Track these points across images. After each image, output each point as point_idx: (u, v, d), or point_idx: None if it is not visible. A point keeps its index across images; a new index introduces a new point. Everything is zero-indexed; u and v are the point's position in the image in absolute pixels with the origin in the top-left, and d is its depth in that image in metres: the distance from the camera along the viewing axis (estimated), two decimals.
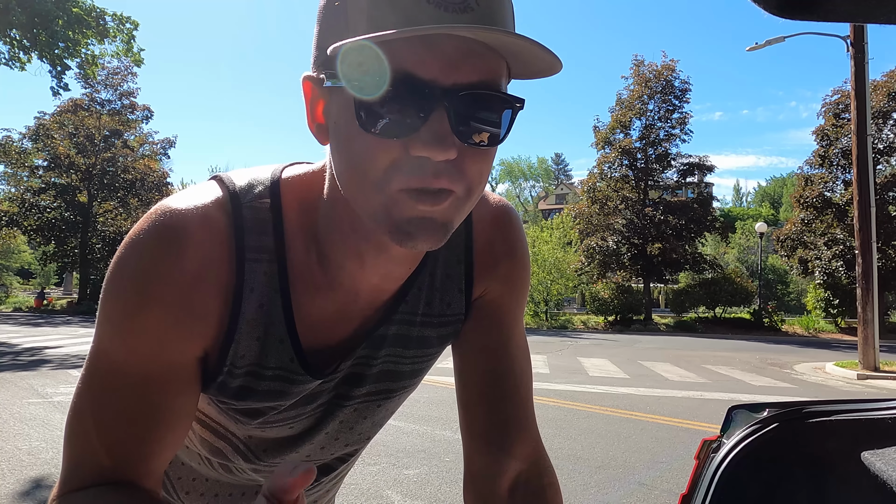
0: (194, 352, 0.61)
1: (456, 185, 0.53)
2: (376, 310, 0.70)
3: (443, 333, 0.77)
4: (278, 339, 0.64)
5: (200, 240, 0.58)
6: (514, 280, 0.78)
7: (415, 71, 0.48)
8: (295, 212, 0.64)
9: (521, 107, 0.55)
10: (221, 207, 0.61)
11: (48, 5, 12.44)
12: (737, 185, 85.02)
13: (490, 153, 0.55)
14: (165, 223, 0.58)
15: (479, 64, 0.50)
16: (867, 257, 10.31)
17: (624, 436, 5.14)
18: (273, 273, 0.63)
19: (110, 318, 0.59)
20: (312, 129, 0.58)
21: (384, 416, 0.82)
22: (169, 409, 0.60)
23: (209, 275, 0.59)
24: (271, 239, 0.62)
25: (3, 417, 5.26)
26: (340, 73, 0.51)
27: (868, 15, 0.47)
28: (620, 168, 25.98)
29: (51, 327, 16.99)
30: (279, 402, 0.69)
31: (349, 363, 0.71)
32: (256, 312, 0.62)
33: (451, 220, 0.55)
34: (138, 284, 0.57)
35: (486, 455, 0.77)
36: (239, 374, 0.64)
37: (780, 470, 0.75)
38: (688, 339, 18.22)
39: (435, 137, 0.50)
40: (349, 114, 0.51)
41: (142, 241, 0.57)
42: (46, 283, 50.13)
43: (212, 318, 0.60)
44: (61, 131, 28.73)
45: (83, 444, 0.59)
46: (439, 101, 0.49)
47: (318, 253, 0.64)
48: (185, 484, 0.87)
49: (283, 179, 0.65)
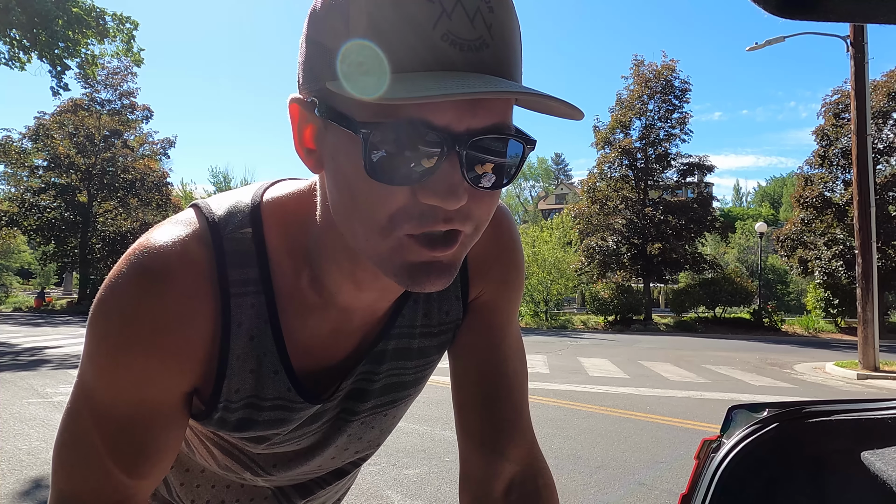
0: (181, 388, 0.61)
1: (465, 226, 0.51)
2: (373, 326, 0.69)
3: (443, 341, 0.76)
4: (272, 371, 0.63)
5: (181, 278, 0.57)
6: (508, 281, 0.78)
7: (427, 118, 0.45)
8: (280, 237, 0.62)
9: (533, 148, 0.52)
10: (201, 241, 0.59)
11: (48, 5, 12.43)
12: (737, 185, 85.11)
13: (498, 193, 0.53)
14: (144, 263, 0.56)
15: (492, 106, 0.48)
16: (867, 257, 10.31)
17: (624, 436, 5.14)
18: (261, 304, 0.61)
19: (93, 358, 0.58)
20: (301, 154, 0.55)
21: (391, 423, 0.81)
22: (154, 443, 0.61)
23: (193, 313, 0.57)
24: (256, 270, 0.61)
25: (3, 417, 5.26)
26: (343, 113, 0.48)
27: (868, 15, 0.47)
28: (620, 168, 25.96)
29: (51, 327, 16.98)
30: (282, 429, 0.68)
31: (350, 381, 0.70)
32: (247, 345, 0.61)
33: (458, 259, 0.53)
34: (119, 327, 0.56)
35: (480, 457, 0.77)
36: (237, 409, 0.64)
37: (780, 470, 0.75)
38: (688, 339, 18.21)
39: (447, 188, 0.47)
40: (352, 155, 0.48)
41: (122, 282, 0.56)
42: (46, 283, 50.07)
43: (199, 357, 0.60)
44: (61, 131, 28.70)
45: (67, 479, 0.60)
46: (452, 149, 0.46)
47: (310, 276, 0.63)
48: (189, 490, 0.86)
49: (264, 203, 0.63)
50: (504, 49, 0.47)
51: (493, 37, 0.46)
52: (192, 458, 0.84)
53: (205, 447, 0.79)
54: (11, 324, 17.93)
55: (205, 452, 0.80)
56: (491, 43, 0.46)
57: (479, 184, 0.49)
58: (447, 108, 0.46)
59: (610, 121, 26.34)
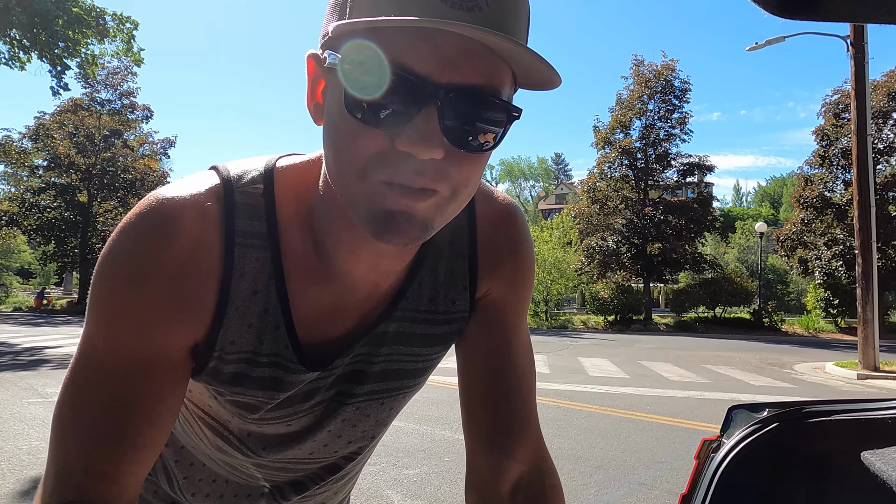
0: (182, 340, 0.60)
1: (440, 186, 0.52)
2: (375, 306, 0.70)
3: (448, 331, 0.76)
4: (274, 326, 0.64)
5: (190, 225, 0.58)
6: (518, 280, 0.78)
7: (409, 64, 0.47)
8: (290, 199, 0.64)
9: (518, 116, 0.53)
10: (213, 193, 0.60)
11: (48, 5, 12.43)
12: (737, 185, 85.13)
13: (480, 158, 0.53)
14: (156, 209, 0.57)
15: (479, 65, 0.48)
16: (867, 257, 10.31)
17: (624, 436, 5.14)
18: (266, 259, 0.62)
19: (97, 303, 0.58)
20: (310, 107, 0.57)
21: (389, 415, 0.81)
22: (151, 398, 0.59)
23: (199, 260, 0.58)
24: (264, 224, 0.62)
25: (3, 417, 5.26)
26: (336, 55, 0.50)
27: (868, 15, 0.47)
28: (620, 168, 25.97)
29: (51, 327, 16.99)
30: (273, 393, 0.68)
31: (347, 360, 0.70)
32: (249, 299, 0.62)
33: (431, 220, 0.53)
34: (126, 269, 0.57)
35: (487, 456, 0.77)
36: (231, 361, 0.64)
37: (780, 470, 0.75)
38: (688, 339, 18.21)
39: (421, 135, 0.48)
40: (339, 98, 0.51)
41: (132, 227, 0.57)
42: (46, 282, 50.09)
43: (201, 304, 0.60)
44: (61, 131, 28.71)
45: (64, 448, 0.58)
46: (431, 99, 0.48)
47: (314, 241, 0.63)
48: (191, 484, 0.87)
49: (277, 167, 0.65)
50: (501, 16, 0.49)
51: (489, 3, 0.48)
52: (193, 454, 0.85)
53: (198, 425, 0.79)
54: (11, 324, 17.92)
55: (199, 431, 0.80)
56: (485, 7, 0.48)
57: (458, 142, 0.50)
58: (430, 57, 0.47)
59: (610, 121, 26.37)
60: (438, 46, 0.47)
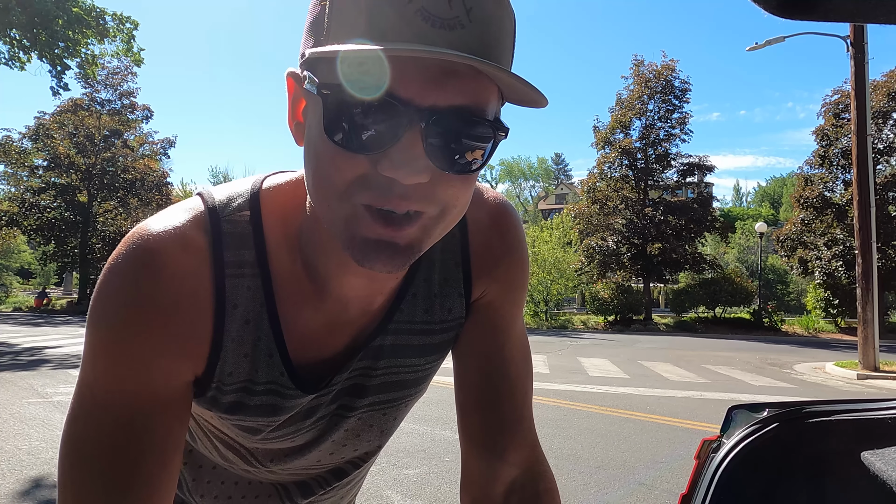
0: (181, 376, 0.59)
1: (427, 207, 0.50)
2: (370, 321, 0.69)
3: (446, 339, 0.75)
4: (267, 354, 0.63)
5: (178, 260, 0.56)
6: (512, 281, 0.77)
7: (391, 87, 0.46)
8: (277, 222, 0.62)
9: (505, 136, 0.52)
10: (199, 224, 0.59)
11: (48, 5, 12.43)
12: (737, 185, 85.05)
13: (468, 178, 0.52)
14: (142, 246, 0.56)
15: (462, 86, 0.47)
16: (867, 257, 10.31)
17: (624, 436, 5.14)
18: (257, 287, 0.61)
19: (94, 348, 0.57)
20: (292, 127, 0.56)
21: (393, 424, 0.80)
22: (161, 443, 0.57)
23: (190, 295, 0.57)
24: (252, 252, 0.61)
25: (3, 417, 5.26)
26: (315, 78, 0.49)
27: (868, 15, 0.47)
28: (620, 168, 25.96)
29: (51, 327, 16.98)
30: (273, 418, 0.67)
31: (344, 376, 0.70)
32: (242, 329, 0.61)
33: (418, 243, 0.52)
34: (119, 311, 0.55)
35: (480, 459, 0.77)
36: (229, 391, 0.63)
37: (780, 470, 0.75)
38: (688, 339, 18.21)
39: (406, 160, 0.47)
40: (319, 120, 0.49)
41: (120, 266, 0.56)
42: (46, 282, 50.06)
43: (198, 338, 0.59)
44: (61, 131, 28.69)
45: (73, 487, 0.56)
46: (415, 122, 0.46)
47: (304, 263, 0.63)
48: (200, 486, 0.87)
49: (263, 190, 0.64)
50: (484, 34, 0.47)
51: (472, 20, 0.47)
52: (203, 455, 0.85)
53: (208, 439, 0.79)
54: (11, 324, 17.92)
55: (208, 444, 0.80)
56: (468, 25, 0.46)
57: (444, 164, 0.49)
58: (413, 80, 0.46)
59: (610, 121, 26.36)
60: (421, 68, 0.46)
